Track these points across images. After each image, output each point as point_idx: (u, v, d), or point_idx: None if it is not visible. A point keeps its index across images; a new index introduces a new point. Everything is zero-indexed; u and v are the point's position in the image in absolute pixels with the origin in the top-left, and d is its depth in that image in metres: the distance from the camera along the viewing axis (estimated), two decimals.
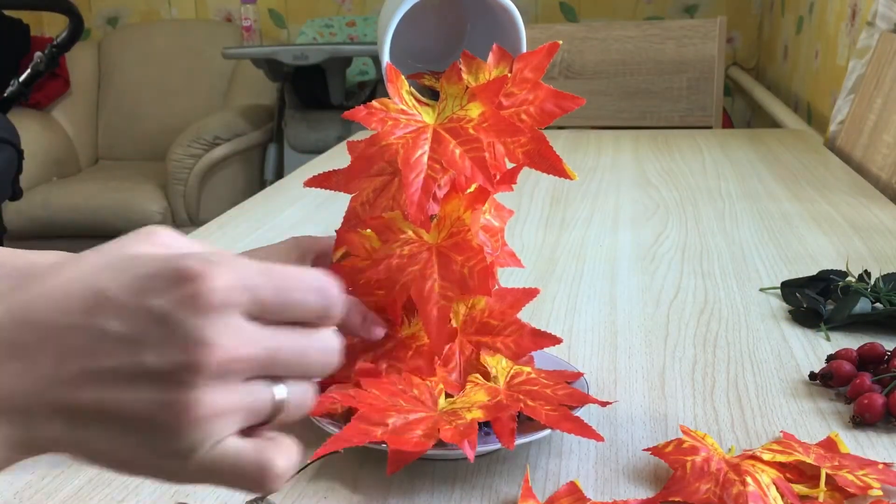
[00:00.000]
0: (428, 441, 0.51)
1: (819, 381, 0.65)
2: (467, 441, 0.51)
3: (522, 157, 0.57)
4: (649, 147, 1.66)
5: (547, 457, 0.56)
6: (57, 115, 3.63)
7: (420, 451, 0.50)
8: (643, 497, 0.51)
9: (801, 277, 0.84)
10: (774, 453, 0.52)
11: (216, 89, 3.64)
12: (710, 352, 0.72)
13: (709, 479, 0.50)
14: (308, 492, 0.53)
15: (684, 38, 2.20)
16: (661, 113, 2.22)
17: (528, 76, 0.57)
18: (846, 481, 0.50)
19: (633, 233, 1.08)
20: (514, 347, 0.60)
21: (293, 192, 1.33)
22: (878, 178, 1.37)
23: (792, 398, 0.64)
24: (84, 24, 2.80)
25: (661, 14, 3.44)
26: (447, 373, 0.58)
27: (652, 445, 0.55)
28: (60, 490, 0.54)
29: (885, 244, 1.00)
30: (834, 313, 0.76)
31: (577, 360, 0.70)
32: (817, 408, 0.62)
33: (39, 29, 3.76)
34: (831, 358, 0.65)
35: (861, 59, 1.64)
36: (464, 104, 0.57)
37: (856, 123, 1.57)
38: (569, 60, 2.24)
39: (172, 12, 3.92)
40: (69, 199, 3.26)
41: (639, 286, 0.88)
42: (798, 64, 2.56)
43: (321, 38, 3.54)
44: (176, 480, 0.33)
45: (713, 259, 0.97)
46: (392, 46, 0.58)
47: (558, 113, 0.58)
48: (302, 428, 0.60)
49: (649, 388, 0.65)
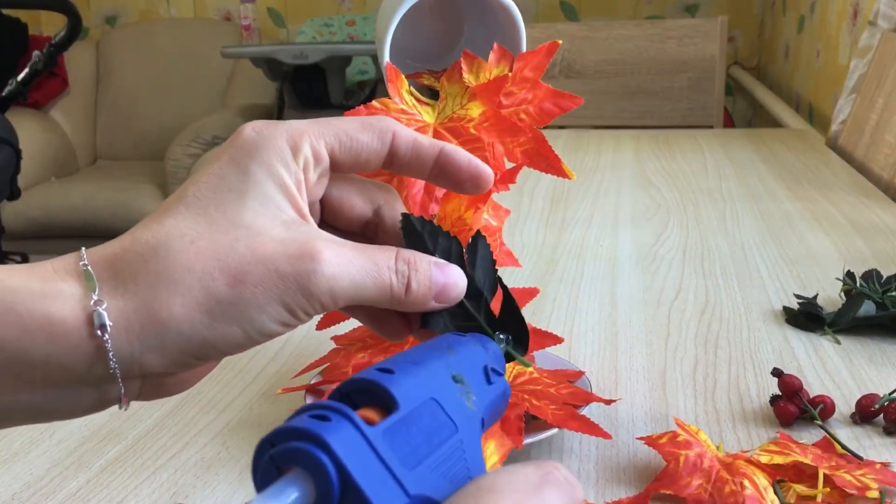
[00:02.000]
0: None
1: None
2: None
3: (521, 156, 0.57)
4: (650, 147, 1.66)
5: (547, 457, 0.56)
6: (55, 115, 3.62)
7: None
8: None
9: None
10: (772, 454, 0.52)
11: (215, 89, 3.64)
12: (711, 352, 0.72)
13: (700, 474, 0.50)
14: None
15: (685, 38, 2.20)
16: (661, 112, 2.22)
17: (528, 75, 0.57)
18: (844, 481, 0.50)
19: (634, 233, 1.08)
20: None
21: None
22: (879, 177, 1.36)
23: None
24: (82, 23, 2.80)
25: (662, 13, 3.43)
26: None
27: None
28: (59, 490, 0.53)
29: (886, 244, 1.00)
30: (838, 316, 0.75)
31: (578, 361, 0.70)
32: None
33: (38, 28, 3.76)
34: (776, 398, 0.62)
35: (863, 58, 1.64)
36: (464, 104, 0.57)
37: (857, 123, 1.57)
38: (569, 60, 2.24)
39: (171, 11, 3.92)
40: (67, 198, 3.26)
41: (640, 286, 0.88)
42: (799, 63, 2.56)
43: (320, 37, 3.54)
44: None
45: (714, 259, 0.96)
46: (391, 46, 0.58)
47: (557, 112, 0.58)
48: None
49: (650, 389, 0.65)
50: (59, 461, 0.57)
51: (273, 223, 0.35)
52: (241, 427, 0.61)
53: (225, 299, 0.33)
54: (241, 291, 0.33)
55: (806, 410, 0.59)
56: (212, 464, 0.56)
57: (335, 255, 0.34)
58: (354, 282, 0.35)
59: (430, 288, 0.37)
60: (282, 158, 0.36)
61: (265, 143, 0.36)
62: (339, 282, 0.34)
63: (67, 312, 0.32)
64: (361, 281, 0.35)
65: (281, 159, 0.36)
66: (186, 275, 0.33)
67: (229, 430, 0.60)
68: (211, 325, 0.33)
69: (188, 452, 0.57)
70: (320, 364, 0.61)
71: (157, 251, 0.33)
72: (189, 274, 0.33)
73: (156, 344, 0.33)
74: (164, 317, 0.32)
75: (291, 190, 0.36)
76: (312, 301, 0.34)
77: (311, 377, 0.62)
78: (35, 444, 0.59)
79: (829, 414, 0.60)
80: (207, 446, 0.58)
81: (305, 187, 0.37)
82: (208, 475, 0.55)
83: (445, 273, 0.38)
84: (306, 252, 0.34)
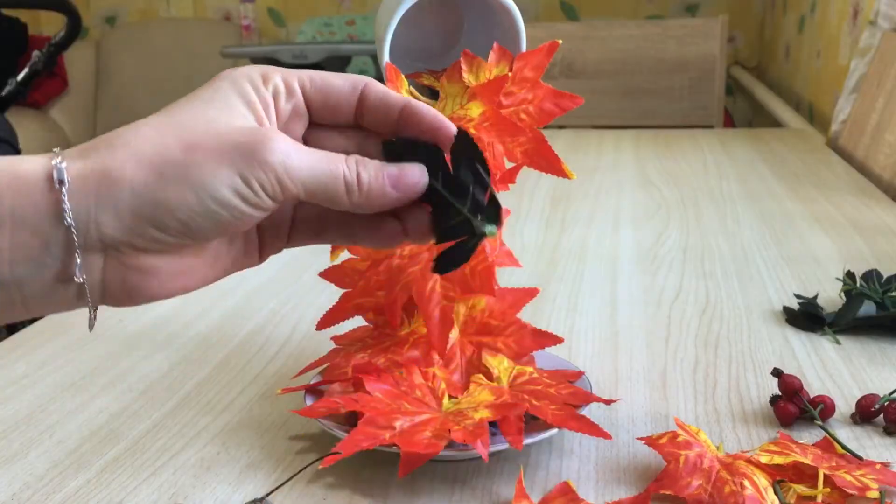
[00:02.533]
0: (439, 442, 0.51)
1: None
2: (480, 440, 0.51)
3: (521, 156, 0.57)
4: (650, 147, 1.66)
5: (547, 457, 0.56)
6: (55, 115, 3.62)
7: (433, 453, 0.50)
8: None
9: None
10: (772, 454, 0.52)
11: None
12: (711, 352, 0.71)
13: (700, 475, 0.50)
14: (308, 492, 0.52)
15: (686, 38, 2.20)
16: (662, 112, 2.22)
17: (528, 75, 0.57)
18: (844, 482, 0.50)
19: (634, 233, 1.08)
20: (516, 347, 0.59)
21: None
22: (880, 177, 1.36)
23: None
24: (82, 22, 2.79)
25: (663, 13, 3.43)
26: (449, 374, 0.58)
27: None
28: (59, 491, 0.53)
29: (887, 244, 1.00)
30: (838, 317, 0.75)
31: (578, 361, 0.70)
32: None
33: (37, 28, 3.76)
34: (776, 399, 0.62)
35: (863, 58, 1.64)
36: (464, 103, 0.57)
37: (858, 123, 1.57)
38: (570, 60, 2.24)
39: (171, 11, 3.92)
40: None
41: (640, 286, 0.88)
42: (800, 63, 2.56)
43: (320, 36, 3.54)
44: None
45: (714, 259, 0.96)
46: (390, 45, 0.58)
47: (557, 112, 0.57)
48: (312, 430, 0.59)
49: (650, 389, 0.65)
50: (58, 461, 0.57)
51: (233, 121, 0.37)
52: (240, 428, 0.61)
53: (176, 161, 0.35)
54: (194, 156, 0.35)
55: (806, 410, 0.59)
56: (211, 464, 0.56)
57: (290, 142, 0.37)
58: (308, 165, 0.37)
59: (383, 177, 0.39)
60: (252, 82, 0.38)
61: (239, 72, 0.39)
62: (292, 159, 0.36)
63: (31, 170, 0.35)
64: (314, 166, 0.37)
65: (251, 82, 0.38)
66: (143, 142, 0.35)
67: (229, 430, 0.60)
68: (162, 186, 0.34)
69: (187, 453, 0.57)
70: (320, 364, 0.61)
71: (121, 131, 0.36)
72: (145, 141, 0.35)
73: (110, 203, 0.34)
74: (116, 175, 0.34)
75: (257, 106, 0.38)
76: (266, 170, 0.35)
77: (310, 377, 0.62)
78: (34, 444, 0.59)
79: (829, 414, 0.60)
80: (207, 447, 0.58)
81: (275, 114, 0.39)
82: (208, 476, 0.55)
83: (399, 166, 0.40)
84: (261, 133, 0.36)
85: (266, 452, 0.57)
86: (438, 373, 0.57)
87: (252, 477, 0.54)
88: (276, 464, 0.56)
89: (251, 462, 0.56)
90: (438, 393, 0.56)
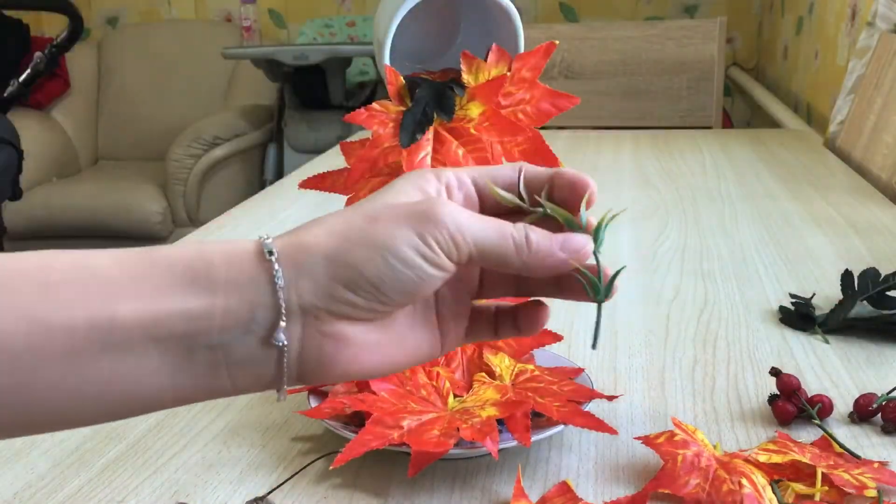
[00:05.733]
0: (448, 440, 0.51)
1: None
2: (489, 438, 0.51)
3: (520, 156, 0.57)
4: (649, 147, 1.66)
5: (546, 456, 0.56)
6: (57, 116, 3.63)
7: (442, 451, 0.51)
8: None
9: None
10: (770, 453, 0.52)
11: (216, 89, 3.64)
12: (709, 352, 0.72)
13: (698, 474, 0.50)
14: (308, 492, 0.53)
15: (684, 39, 2.20)
16: (661, 113, 2.22)
17: (526, 76, 0.57)
18: (842, 480, 0.50)
19: (634, 233, 1.08)
20: (516, 345, 0.60)
21: (293, 192, 1.33)
22: (878, 178, 1.37)
23: None
24: (84, 24, 2.80)
25: (661, 14, 3.44)
26: (451, 372, 0.58)
27: None
28: (61, 490, 0.54)
29: (884, 244, 1.00)
30: (829, 317, 0.75)
31: (577, 360, 0.70)
32: None
33: (39, 29, 3.76)
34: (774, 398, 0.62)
35: (861, 59, 1.64)
36: (463, 104, 0.57)
37: (856, 124, 1.57)
38: (569, 61, 2.24)
39: (172, 12, 3.92)
40: (69, 199, 3.26)
41: (639, 286, 0.88)
42: (798, 64, 2.56)
43: (321, 38, 3.54)
44: None
45: (713, 259, 0.97)
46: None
47: (554, 112, 0.58)
48: (313, 430, 0.60)
49: (649, 388, 0.65)
50: (60, 460, 0.57)
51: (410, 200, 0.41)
52: (241, 427, 0.61)
53: (361, 227, 0.39)
54: (376, 224, 0.39)
55: (804, 410, 0.59)
56: (213, 463, 0.56)
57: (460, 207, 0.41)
58: (479, 227, 0.40)
59: (551, 239, 0.41)
60: (423, 176, 0.42)
61: (412, 171, 0.43)
62: (463, 218, 0.40)
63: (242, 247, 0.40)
64: (484, 227, 0.40)
65: (422, 176, 0.42)
66: (333, 220, 0.40)
67: (230, 430, 0.61)
68: (349, 248, 0.39)
69: (189, 452, 0.58)
70: None
71: (315, 219, 0.41)
72: (335, 220, 0.40)
73: (307, 269, 0.39)
74: (311, 245, 0.39)
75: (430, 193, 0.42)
76: (440, 228, 0.39)
77: None
78: (36, 443, 0.59)
79: (827, 413, 0.60)
80: (208, 446, 0.58)
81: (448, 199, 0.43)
82: (209, 475, 0.55)
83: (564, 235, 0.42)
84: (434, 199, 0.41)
85: (267, 452, 0.57)
86: (442, 372, 0.58)
87: (253, 476, 0.55)
88: (277, 463, 0.56)
89: (252, 461, 0.56)
90: (443, 392, 0.56)
